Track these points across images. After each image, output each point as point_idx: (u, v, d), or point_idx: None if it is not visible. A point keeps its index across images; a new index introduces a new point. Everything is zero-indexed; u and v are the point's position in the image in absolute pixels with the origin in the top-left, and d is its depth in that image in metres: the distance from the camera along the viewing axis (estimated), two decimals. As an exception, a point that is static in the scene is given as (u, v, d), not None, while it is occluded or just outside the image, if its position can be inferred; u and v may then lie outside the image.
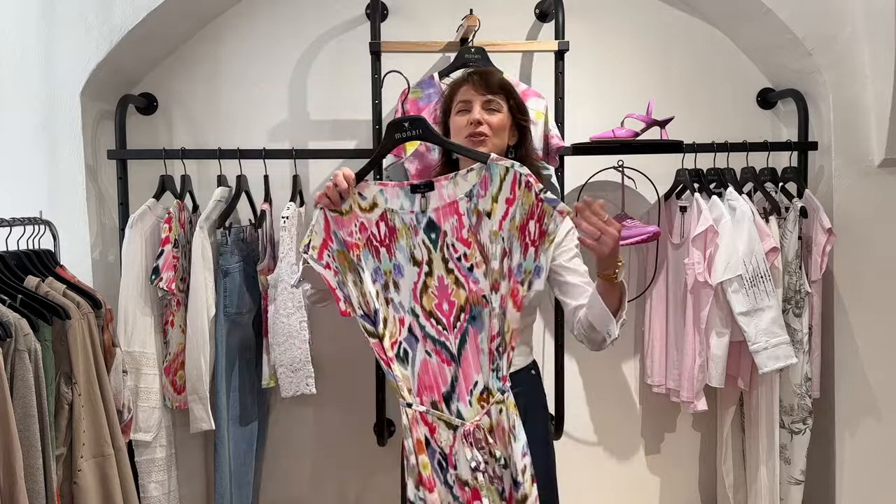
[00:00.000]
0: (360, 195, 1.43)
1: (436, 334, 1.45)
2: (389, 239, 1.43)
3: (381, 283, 1.43)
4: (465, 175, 1.44)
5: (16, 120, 2.09)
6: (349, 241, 1.41)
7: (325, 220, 1.41)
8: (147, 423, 1.98)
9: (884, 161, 2.20)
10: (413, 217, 1.44)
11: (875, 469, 2.28)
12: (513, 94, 1.62)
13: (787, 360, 2.03)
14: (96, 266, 2.15)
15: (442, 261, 1.44)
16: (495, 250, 1.42)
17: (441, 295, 1.44)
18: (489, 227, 1.42)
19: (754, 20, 2.24)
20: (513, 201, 1.40)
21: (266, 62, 2.32)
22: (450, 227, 1.44)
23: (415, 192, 1.44)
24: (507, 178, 1.41)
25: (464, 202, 1.44)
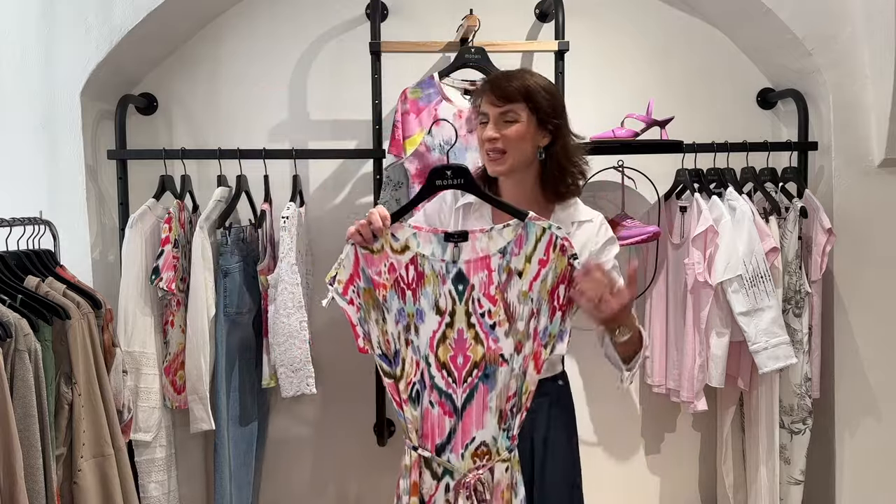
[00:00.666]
0: (394, 236, 1.40)
1: (444, 386, 1.42)
2: (417, 283, 1.41)
3: (404, 324, 1.41)
4: (500, 230, 1.41)
5: (16, 120, 2.09)
6: (377, 280, 1.39)
7: (356, 256, 1.39)
8: (147, 423, 1.98)
9: (884, 161, 2.20)
10: (443, 266, 1.41)
11: (875, 469, 2.28)
12: (534, 97, 1.51)
13: (787, 360, 2.03)
14: (96, 266, 2.15)
15: (465, 314, 1.41)
16: (523, 311, 1.41)
17: (458, 348, 1.41)
18: (519, 286, 1.41)
19: (754, 20, 2.24)
20: (546, 263, 1.40)
21: (266, 62, 2.32)
22: (478, 281, 1.41)
23: (448, 241, 1.40)
24: (543, 238, 1.40)
25: (496, 258, 1.41)
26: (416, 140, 2.01)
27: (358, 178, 2.36)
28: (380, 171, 2.09)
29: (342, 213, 2.34)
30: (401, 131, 2.03)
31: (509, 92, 1.51)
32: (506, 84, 1.52)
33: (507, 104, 1.51)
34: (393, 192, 2.04)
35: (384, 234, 1.39)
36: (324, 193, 2.36)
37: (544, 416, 1.57)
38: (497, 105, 1.51)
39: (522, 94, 1.51)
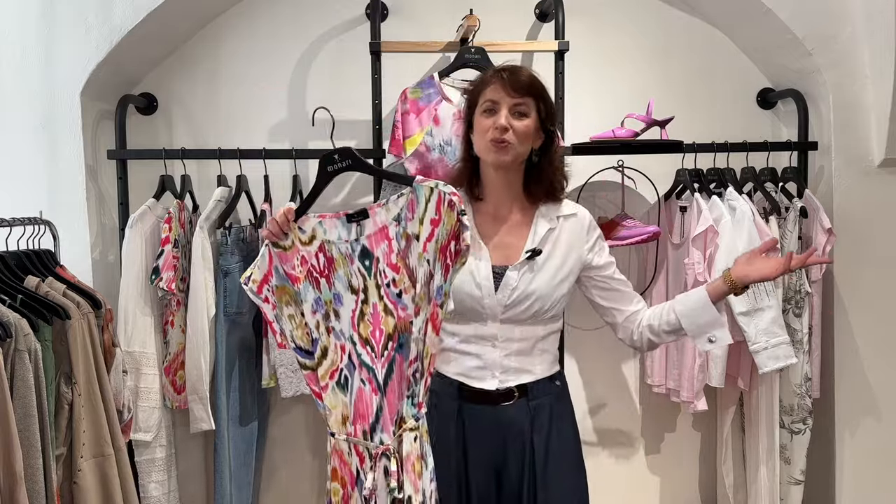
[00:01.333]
0: (301, 229, 1.43)
1: (369, 361, 1.43)
2: (328, 269, 1.43)
3: (322, 312, 1.43)
4: (396, 200, 1.43)
5: (16, 120, 2.09)
6: (292, 275, 1.42)
7: (269, 256, 1.42)
8: (147, 423, 1.98)
9: (884, 161, 2.20)
10: (348, 246, 1.44)
11: (875, 469, 2.28)
12: (544, 96, 1.52)
13: (787, 360, 2.03)
14: (96, 266, 2.15)
15: (375, 287, 1.43)
16: (420, 274, 1.41)
17: (375, 322, 1.43)
18: (416, 249, 1.42)
19: (754, 20, 2.24)
20: (438, 222, 1.40)
21: (266, 62, 2.32)
22: (381, 252, 1.43)
23: (350, 222, 1.44)
24: (433, 198, 1.40)
25: (393, 227, 1.43)
26: (416, 140, 2.01)
27: (358, 178, 2.36)
28: (380, 171, 2.09)
29: (342, 213, 2.34)
30: (401, 131, 2.03)
31: (525, 85, 1.49)
32: (521, 76, 1.49)
33: (522, 96, 1.48)
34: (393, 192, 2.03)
35: (292, 228, 1.42)
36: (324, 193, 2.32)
37: (545, 418, 1.56)
38: (512, 96, 1.48)
39: (535, 91, 1.50)
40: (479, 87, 1.54)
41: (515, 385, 1.53)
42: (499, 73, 1.51)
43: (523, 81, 1.49)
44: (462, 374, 1.55)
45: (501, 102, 1.48)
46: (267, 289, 1.42)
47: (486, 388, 1.53)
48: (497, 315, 1.52)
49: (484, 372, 1.54)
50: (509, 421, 1.54)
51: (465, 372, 1.55)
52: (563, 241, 1.57)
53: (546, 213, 1.58)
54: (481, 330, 1.53)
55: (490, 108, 1.50)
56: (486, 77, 1.54)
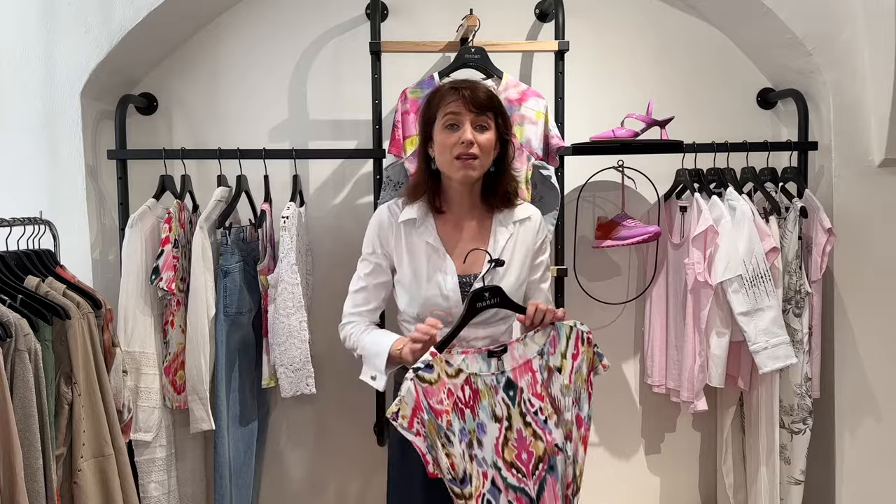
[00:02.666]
0: (447, 363, 1.50)
1: (517, 483, 1.52)
2: (473, 400, 1.52)
3: (466, 441, 1.49)
4: (532, 336, 1.57)
5: (16, 120, 2.09)
6: (438, 409, 1.47)
7: (416, 391, 1.46)
8: (147, 423, 1.98)
9: (884, 161, 2.20)
10: (493, 378, 1.54)
11: (875, 469, 2.28)
12: (500, 111, 1.59)
13: (787, 360, 2.03)
14: (96, 266, 2.15)
15: (520, 415, 1.54)
16: (567, 402, 1.57)
17: (520, 446, 1.54)
18: (560, 381, 1.57)
19: (754, 20, 2.24)
20: (577, 356, 1.58)
21: (266, 62, 2.32)
22: (525, 383, 1.56)
23: (491, 357, 1.54)
24: (572, 335, 1.58)
25: (536, 360, 1.57)
26: (416, 140, 2.01)
27: (358, 178, 2.36)
28: (380, 171, 2.09)
29: (342, 213, 2.35)
30: (401, 131, 2.03)
31: (485, 101, 1.54)
32: (480, 93, 1.55)
33: (483, 112, 1.54)
34: (393, 192, 2.04)
35: (438, 362, 1.48)
36: (324, 193, 2.36)
37: None
38: (473, 112, 1.53)
39: (494, 106, 1.57)
40: (438, 103, 1.58)
41: None
42: (458, 91, 1.55)
43: (483, 98, 1.54)
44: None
45: (463, 118, 1.53)
46: (417, 422, 1.45)
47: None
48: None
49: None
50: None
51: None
52: (520, 245, 1.65)
53: (503, 220, 1.65)
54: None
55: (452, 122, 1.54)
56: (443, 92, 1.58)
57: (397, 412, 1.44)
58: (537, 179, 2.05)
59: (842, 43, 2.19)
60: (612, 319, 2.44)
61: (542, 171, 2.02)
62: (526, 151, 2.04)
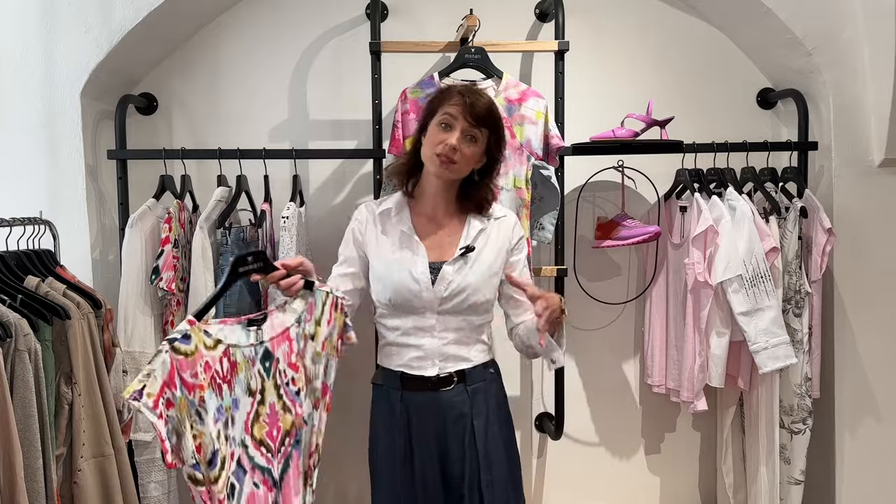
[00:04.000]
0: (206, 332, 1.38)
1: (264, 462, 1.43)
2: (231, 374, 1.40)
3: (223, 421, 1.37)
4: (291, 303, 1.52)
5: (16, 120, 2.09)
6: (192, 383, 1.33)
7: (171, 364, 1.30)
8: (147, 423, 1.98)
9: (884, 161, 2.20)
10: (252, 349, 1.45)
11: (875, 469, 2.28)
12: (497, 129, 1.62)
13: (786, 360, 2.03)
14: (96, 266, 2.15)
15: (274, 387, 1.46)
16: (318, 370, 1.53)
17: (271, 422, 1.45)
18: (313, 348, 1.52)
19: (754, 20, 2.24)
20: (331, 322, 1.55)
21: (266, 62, 2.32)
22: (282, 353, 1.48)
23: (251, 326, 1.45)
24: (328, 301, 1.55)
25: (294, 328, 1.51)
26: (416, 140, 2.01)
27: (358, 178, 2.36)
28: (380, 171, 2.09)
29: (342, 213, 2.34)
30: (401, 131, 2.03)
31: (482, 115, 1.57)
32: (480, 105, 1.58)
33: (477, 125, 1.57)
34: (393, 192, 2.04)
35: (196, 331, 1.35)
36: (324, 193, 2.36)
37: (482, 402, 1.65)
38: (468, 120, 1.56)
39: (490, 122, 1.60)
40: (442, 100, 1.61)
41: (454, 371, 1.64)
42: (462, 96, 1.58)
43: (481, 111, 1.57)
44: (403, 366, 1.66)
45: (456, 123, 1.57)
46: (163, 402, 1.28)
47: (426, 375, 1.63)
48: (434, 307, 1.62)
49: (424, 361, 1.64)
50: (449, 405, 1.63)
51: (407, 363, 1.65)
52: (493, 238, 1.67)
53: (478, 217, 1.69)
54: (420, 322, 1.63)
55: (447, 122, 1.58)
56: (451, 92, 1.61)
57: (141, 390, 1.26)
58: (537, 179, 2.05)
59: (842, 43, 2.19)
60: (612, 319, 2.44)
61: (542, 172, 2.02)
62: (526, 151, 2.04)
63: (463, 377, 1.65)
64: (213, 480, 1.33)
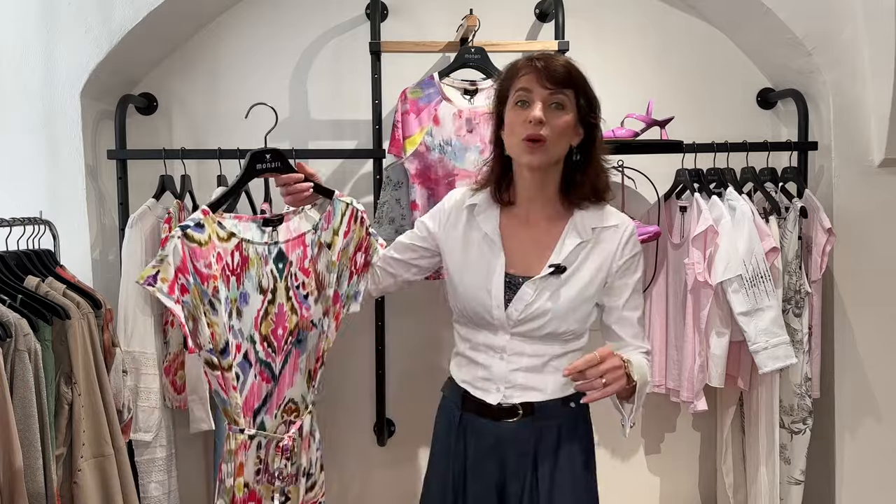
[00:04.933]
0: (220, 224, 1.42)
1: (265, 357, 1.49)
2: (241, 268, 1.44)
3: (228, 311, 1.42)
4: (310, 209, 1.55)
5: (16, 120, 2.09)
6: (206, 273, 1.35)
7: (183, 251, 1.32)
8: (147, 423, 1.98)
9: (884, 161, 2.20)
10: (266, 248, 1.48)
11: (875, 469, 2.28)
12: (584, 87, 1.36)
13: (786, 360, 2.03)
14: (96, 266, 2.15)
15: (285, 289, 1.50)
16: (331, 279, 1.53)
17: (278, 321, 1.50)
18: (327, 257, 1.53)
19: (754, 20, 2.24)
20: (348, 233, 1.55)
21: (266, 62, 2.32)
22: (296, 257, 1.52)
23: (266, 226, 1.49)
24: (347, 212, 1.55)
25: (310, 234, 1.54)
26: (416, 140, 2.01)
27: (358, 178, 2.36)
28: (380, 171, 2.09)
29: (342, 213, 2.34)
30: (401, 131, 2.03)
31: (562, 75, 1.33)
32: (557, 65, 1.33)
33: (559, 88, 1.33)
34: (393, 191, 2.04)
35: (210, 222, 1.39)
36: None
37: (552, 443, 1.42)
38: (547, 87, 1.32)
39: (574, 82, 1.35)
40: (510, 79, 1.38)
41: (520, 402, 1.41)
42: (531, 63, 1.34)
43: (560, 71, 1.33)
44: (468, 383, 1.48)
45: (535, 93, 1.33)
46: (178, 287, 1.32)
47: (488, 402, 1.43)
48: (507, 328, 1.41)
49: (488, 384, 1.43)
50: (511, 441, 1.42)
51: (471, 381, 1.47)
52: (594, 256, 1.41)
53: (581, 223, 1.42)
54: (491, 339, 1.43)
55: (523, 98, 1.34)
56: (516, 66, 1.38)
57: (155, 275, 1.29)
58: (537, 179, 2.04)
59: (842, 43, 2.19)
60: (612, 319, 2.44)
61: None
62: (526, 151, 2.04)
63: (531, 410, 1.41)
64: (228, 368, 1.41)
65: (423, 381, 2.32)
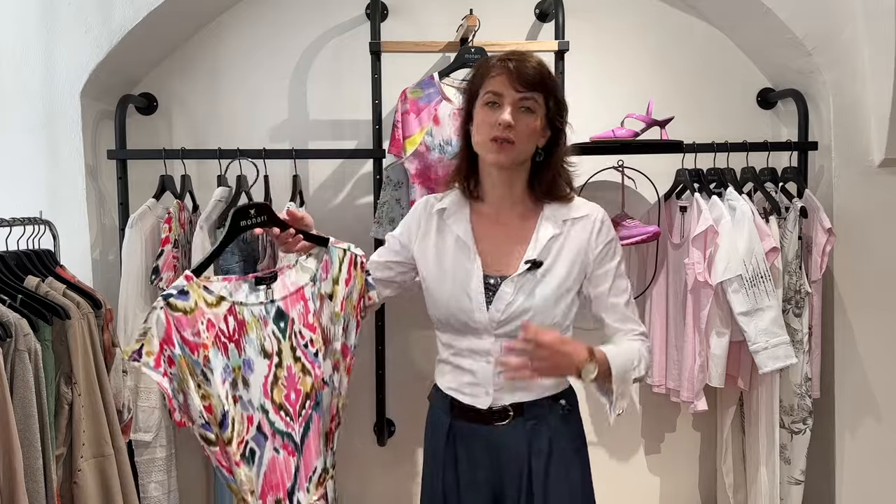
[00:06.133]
0: (206, 289, 1.30)
1: (284, 427, 1.37)
2: (239, 333, 1.33)
3: (230, 381, 1.31)
4: (305, 260, 1.44)
5: (16, 120, 2.09)
6: (194, 342, 1.26)
7: (167, 321, 1.23)
8: (147, 423, 1.98)
9: (884, 161, 2.20)
10: (262, 308, 1.36)
11: (875, 469, 2.28)
12: (553, 90, 1.37)
13: (786, 360, 2.03)
14: (96, 266, 2.15)
15: (290, 349, 1.39)
16: (337, 331, 1.43)
17: (290, 385, 1.38)
18: (331, 308, 1.44)
19: (754, 20, 2.24)
20: (349, 281, 1.45)
21: (266, 62, 2.32)
22: (297, 314, 1.40)
23: (259, 285, 1.37)
24: (345, 259, 1.45)
25: (309, 287, 1.42)
26: (416, 140, 2.01)
27: (358, 178, 2.36)
28: (380, 171, 2.09)
29: (342, 213, 2.34)
30: (401, 131, 2.03)
31: (534, 78, 1.34)
32: (528, 67, 1.34)
33: (529, 91, 1.34)
34: (393, 191, 2.04)
35: (194, 288, 1.28)
36: (324, 193, 2.36)
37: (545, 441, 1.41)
38: (518, 90, 1.34)
39: (545, 85, 1.36)
40: (482, 77, 1.39)
41: (510, 403, 1.40)
42: (504, 63, 1.35)
43: (531, 74, 1.34)
44: (454, 389, 1.46)
45: (506, 96, 1.35)
46: (164, 360, 1.23)
47: (478, 406, 1.42)
48: (490, 330, 1.40)
49: (477, 388, 1.42)
50: (504, 443, 1.41)
51: (458, 387, 1.45)
52: (568, 248, 1.42)
53: (552, 216, 1.44)
54: (476, 344, 1.42)
55: (492, 100, 1.36)
56: (489, 65, 1.38)
57: (140, 350, 1.21)
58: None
59: (842, 43, 2.19)
60: (612, 319, 2.44)
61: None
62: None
63: (521, 411, 1.40)
64: (227, 441, 1.29)
65: (423, 382, 2.32)
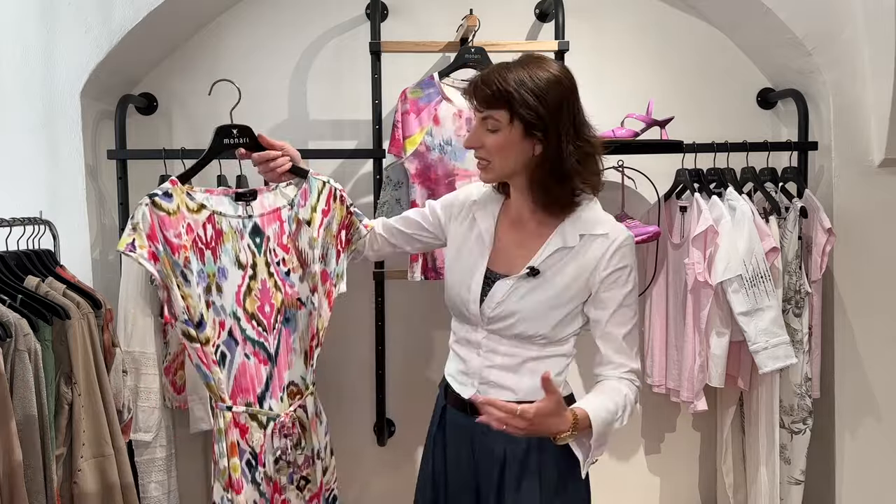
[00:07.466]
0: (189, 195, 1.42)
1: (256, 336, 1.49)
2: (216, 241, 1.44)
3: (205, 286, 1.42)
4: (284, 186, 1.54)
5: (16, 120, 2.09)
6: (175, 243, 1.36)
7: (151, 219, 1.34)
8: (147, 423, 1.98)
9: (884, 161, 2.20)
10: (240, 222, 1.47)
11: (875, 469, 2.28)
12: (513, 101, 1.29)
13: (786, 360, 2.03)
14: (96, 266, 2.15)
15: (265, 265, 1.50)
16: (314, 255, 1.53)
17: (263, 298, 1.49)
18: (308, 234, 1.53)
19: (754, 20, 2.24)
20: (328, 212, 1.55)
21: (266, 62, 2.32)
22: (273, 232, 1.51)
23: (238, 200, 1.48)
24: (324, 191, 1.55)
25: (286, 210, 1.53)
26: (416, 140, 2.01)
27: (358, 178, 2.36)
28: (380, 171, 2.09)
29: (342, 213, 2.34)
30: (401, 131, 2.03)
31: (489, 97, 1.31)
32: (483, 86, 1.31)
33: (486, 110, 1.33)
34: (393, 191, 2.05)
35: (179, 192, 1.40)
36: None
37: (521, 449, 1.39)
38: (479, 110, 1.34)
39: (501, 99, 1.30)
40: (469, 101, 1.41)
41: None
42: (469, 85, 1.36)
43: (486, 93, 1.31)
44: (451, 375, 1.52)
45: (474, 117, 1.38)
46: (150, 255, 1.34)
47: (463, 396, 1.46)
48: (482, 324, 1.42)
49: (466, 378, 1.46)
50: (480, 440, 1.42)
51: (454, 374, 1.51)
52: (576, 263, 1.37)
53: (570, 229, 1.38)
54: (470, 334, 1.45)
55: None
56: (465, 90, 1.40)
57: (133, 242, 1.32)
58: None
59: (842, 43, 2.19)
60: (612, 319, 2.44)
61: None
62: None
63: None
64: (206, 342, 1.40)
65: (422, 382, 2.32)
